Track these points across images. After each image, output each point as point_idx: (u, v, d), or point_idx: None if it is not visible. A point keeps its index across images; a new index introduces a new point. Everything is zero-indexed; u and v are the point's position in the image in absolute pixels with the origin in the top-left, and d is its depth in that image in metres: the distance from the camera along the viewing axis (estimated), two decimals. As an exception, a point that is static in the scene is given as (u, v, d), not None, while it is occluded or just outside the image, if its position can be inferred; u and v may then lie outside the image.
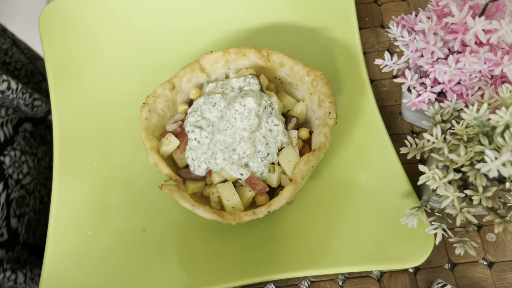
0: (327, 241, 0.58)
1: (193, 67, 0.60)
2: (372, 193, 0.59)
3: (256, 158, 0.55)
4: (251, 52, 0.60)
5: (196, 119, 0.56)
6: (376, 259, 0.56)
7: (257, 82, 0.58)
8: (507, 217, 0.44)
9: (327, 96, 0.57)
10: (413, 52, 0.51)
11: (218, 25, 0.70)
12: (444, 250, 0.59)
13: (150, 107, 0.58)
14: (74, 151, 0.64)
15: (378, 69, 0.70)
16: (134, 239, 0.59)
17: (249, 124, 0.55)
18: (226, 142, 0.55)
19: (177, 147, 0.57)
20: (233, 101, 0.56)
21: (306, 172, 0.53)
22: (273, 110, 0.57)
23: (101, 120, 0.66)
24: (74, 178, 0.62)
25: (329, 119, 0.55)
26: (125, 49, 0.69)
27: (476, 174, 0.44)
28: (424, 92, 0.51)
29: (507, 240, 0.59)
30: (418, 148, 0.52)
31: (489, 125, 0.44)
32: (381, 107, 0.67)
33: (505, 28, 0.44)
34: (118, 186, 0.62)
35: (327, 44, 0.68)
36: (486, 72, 0.49)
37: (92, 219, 0.60)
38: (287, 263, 0.57)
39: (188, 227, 0.59)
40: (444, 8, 0.51)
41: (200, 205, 0.52)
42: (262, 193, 0.55)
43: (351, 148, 0.62)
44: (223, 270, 0.57)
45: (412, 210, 0.52)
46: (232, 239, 0.58)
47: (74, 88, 0.67)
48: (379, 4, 0.74)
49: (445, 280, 0.58)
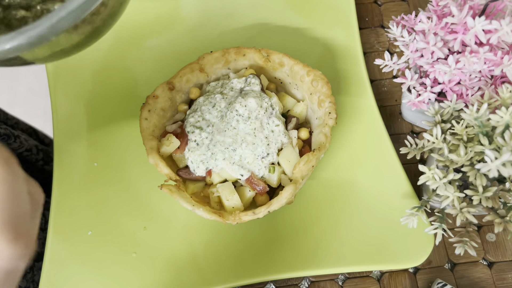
0: (327, 241, 0.58)
1: (192, 67, 0.60)
2: (372, 193, 0.59)
3: (257, 159, 0.55)
4: (251, 52, 0.60)
5: (196, 119, 0.56)
6: (376, 259, 0.56)
7: (258, 82, 0.58)
8: (507, 217, 0.44)
9: (327, 96, 0.57)
10: (413, 52, 0.51)
11: (218, 25, 0.70)
12: (444, 250, 0.60)
13: (150, 107, 0.58)
14: (74, 151, 0.64)
15: (378, 69, 0.70)
16: (134, 239, 0.59)
17: (252, 128, 0.55)
18: (226, 143, 0.55)
19: (177, 148, 0.57)
20: (233, 101, 0.56)
21: (306, 172, 0.53)
22: (274, 110, 0.57)
23: (101, 120, 0.66)
24: (74, 178, 0.62)
25: (329, 119, 0.55)
26: (125, 49, 0.69)
27: (476, 174, 0.44)
28: (424, 92, 0.51)
29: (507, 240, 0.59)
30: (418, 148, 0.52)
31: (489, 125, 0.44)
32: (381, 107, 0.67)
33: (505, 28, 0.44)
34: (118, 186, 0.62)
35: (327, 44, 0.68)
36: (486, 72, 0.49)
37: (92, 219, 0.60)
38: (287, 263, 0.57)
39: (188, 227, 0.59)
40: (444, 8, 0.51)
41: (200, 205, 0.52)
42: (262, 193, 0.55)
43: (351, 148, 0.62)
44: (223, 270, 0.57)
45: (412, 210, 0.52)
46: (232, 239, 0.58)
47: (74, 88, 0.67)
48: (379, 4, 0.74)
49: (445, 280, 0.58)
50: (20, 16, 0.43)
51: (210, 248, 0.58)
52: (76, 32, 0.43)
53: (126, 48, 0.69)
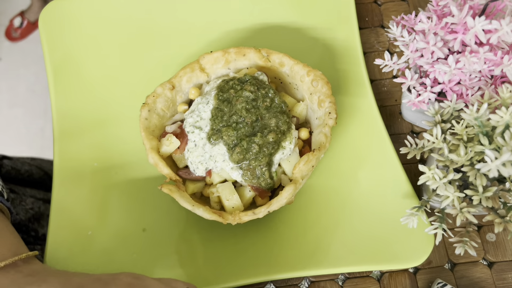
0: (327, 241, 0.58)
1: (193, 67, 0.60)
2: (372, 193, 0.59)
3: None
4: (251, 52, 0.60)
5: (195, 119, 0.56)
6: (376, 259, 0.56)
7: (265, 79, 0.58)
8: (507, 217, 0.44)
9: (327, 96, 0.57)
10: (413, 52, 0.51)
11: (218, 25, 0.70)
12: (444, 250, 0.60)
13: (150, 107, 0.58)
14: (74, 151, 0.64)
15: (378, 69, 0.70)
16: (134, 239, 0.59)
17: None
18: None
19: (177, 148, 0.57)
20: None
21: (306, 172, 0.53)
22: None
23: (101, 120, 0.66)
24: (74, 178, 0.62)
25: (329, 119, 0.55)
26: (125, 49, 0.69)
27: (476, 174, 0.44)
28: (424, 92, 0.51)
29: (507, 240, 0.59)
30: (418, 148, 0.52)
31: (489, 125, 0.44)
32: (381, 107, 0.67)
33: (505, 28, 0.44)
34: (118, 186, 0.62)
35: (327, 44, 0.68)
36: (486, 72, 0.49)
37: (92, 219, 0.60)
38: (287, 263, 0.57)
39: (188, 227, 0.59)
40: (444, 8, 0.51)
41: (200, 205, 0.52)
42: (262, 194, 0.55)
43: (351, 148, 0.62)
44: (223, 270, 0.57)
45: (412, 210, 0.52)
46: (232, 239, 0.58)
47: (74, 88, 0.67)
48: (379, 4, 0.74)
49: (445, 280, 0.58)
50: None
51: (210, 248, 0.58)
52: None
53: (126, 48, 0.69)
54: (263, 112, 0.55)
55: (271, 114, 0.55)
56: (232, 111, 0.55)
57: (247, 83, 0.56)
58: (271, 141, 0.53)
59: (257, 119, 0.54)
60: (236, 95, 0.55)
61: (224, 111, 0.55)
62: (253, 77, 0.57)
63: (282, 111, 0.55)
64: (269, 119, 0.54)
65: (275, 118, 0.54)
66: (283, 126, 0.54)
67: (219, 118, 0.55)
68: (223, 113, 0.55)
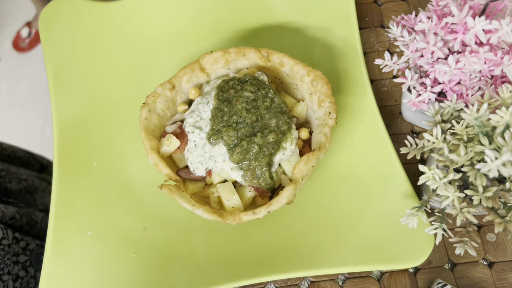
0: (327, 241, 0.57)
1: (193, 67, 0.60)
2: (372, 193, 0.59)
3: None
4: (251, 52, 0.60)
5: (195, 119, 0.56)
6: (376, 259, 0.56)
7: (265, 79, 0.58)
8: (507, 217, 0.44)
9: (327, 96, 0.57)
10: (413, 52, 0.51)
11: (218, 25, 0.70)
12: (444, 250, 0.60)
13: (150, 107, 0.58)
14: (74, 151, 0.64)
15: (378, 69, 0.70)
16: (134, 239, 0.59)
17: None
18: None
19: (177, 148, 0.57)
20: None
21: (306, 172, 0.53)
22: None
23: (101, 120, 0.66)
24: (74, 178, 0.62)
25: (329, 119, 0.55)
26: (125, 49, 0.69)
27: (476, 174, 0.44)
28: (424, 92, 0.51)
29: (507, 240, 0.59)
30: (418, 148, 0.52)
31: (489, 125, 0.44)
32: (381, 107, 0.67)
33: (505, 28, 0.44)
34: (118, 186, 0.62)
35: (327, 44, 0.68)
36: (486, 72, 0.49)
37: (92, 219, 0.60)
38: (287, 263, 0.57)
39: (188, 227, 0.59)
40: (444, 8, 0.51)
41: (200, 205, 0.52)
42: (262, 194, 0.55)
43: (351, 148, 0.62)
44: (223, 270, 0.57)
45: (412, 210, 0.52)
46: (232, 239, 0.58)
47: (74, 88, 0.67)
48: (379, 4, 0.74)
49: (445, 280, 0.58)
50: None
51: (210, 248, 0.58)
52: None
53: (126, 48, 0.69)
54: (263, 112, 0.55)
55: (271, 114, 0.55)
56: (232, 111, 0.55)
57: (247, 83, 0.56)
58: (271, 141, 0.53)
59: (257, 119, 0.54)
60: (236, 95, 0.55)
61: (224, 111, 0.55)
62: (253, 77, 0.57)
63: (282, 111, 0.55)
64: (269, 119, 0.54)
65: (275, 118, 0.54)
66: (283, 126, 0.54)
67: (219, 118, 0.55)
68: (223, 113, 0.55)
